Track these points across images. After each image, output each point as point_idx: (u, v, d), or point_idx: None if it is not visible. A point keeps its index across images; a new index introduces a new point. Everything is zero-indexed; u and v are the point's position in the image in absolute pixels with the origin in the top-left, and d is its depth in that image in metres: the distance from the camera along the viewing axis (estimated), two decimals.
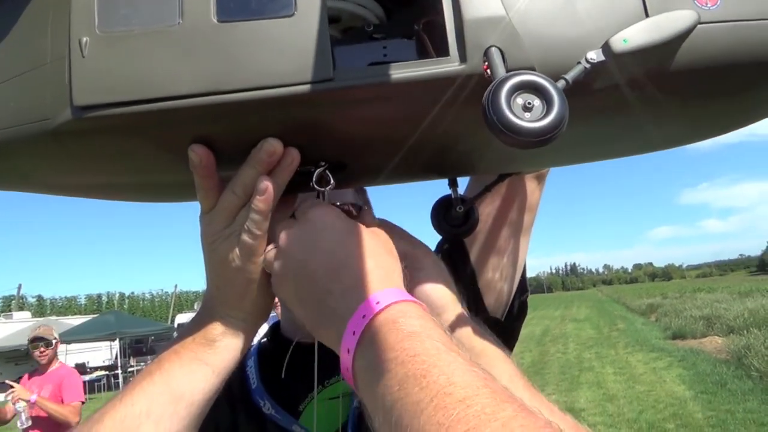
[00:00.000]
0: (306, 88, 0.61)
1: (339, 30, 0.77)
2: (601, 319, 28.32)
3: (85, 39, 0.60)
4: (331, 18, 0.67)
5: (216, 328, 0.73)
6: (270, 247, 0.70)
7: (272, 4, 0.61)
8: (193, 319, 0.76)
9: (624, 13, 0.62)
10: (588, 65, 0.60)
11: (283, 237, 0.68)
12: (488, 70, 0.60)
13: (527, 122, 0.55)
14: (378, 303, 0.58)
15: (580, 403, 9.30)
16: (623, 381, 10.96)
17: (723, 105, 0.72)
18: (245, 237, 0.68)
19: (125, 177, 0.74)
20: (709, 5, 0.63)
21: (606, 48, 0.60)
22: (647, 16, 0.62)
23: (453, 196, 0.90)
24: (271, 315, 0.90)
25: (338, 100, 0.63)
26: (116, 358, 22.15)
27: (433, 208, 0.92)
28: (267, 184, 0.67)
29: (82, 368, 19.96)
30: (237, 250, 0.69)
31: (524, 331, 0.53)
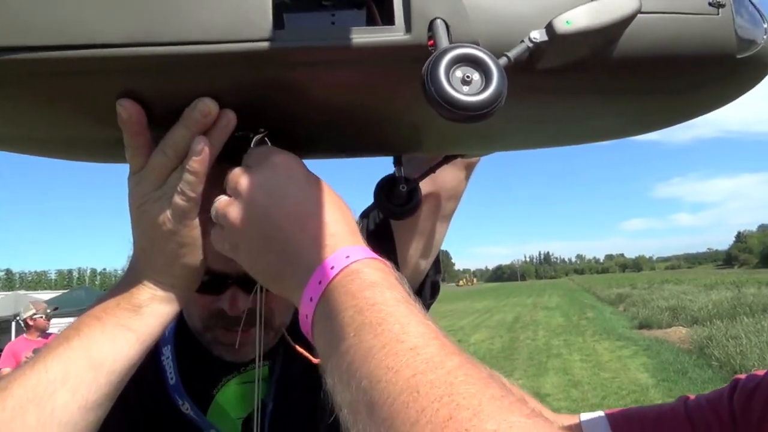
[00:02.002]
0: (243, 46, 0.58)
1: None
2: (571, 308, 28.78)
3: None
4: None
5: (143, 294, 0.69)
6: (221, 197, 0.66)
7: None
8: (117, 285, 0.72)
9: None
10: (531, 44, 0.59)
11: (242, 183, 0.63)
12: (432, 45, 0.59)
13: (464, 95, 0.54)
14: (348, 257, 0.57)
15: (546, 388, 9.50)
16: (589, 368, 11.20)
17: (662, 97, 0.73)
18: (178, 199, 0.65)
19: (47, 130, 0.70)
20: None
21: (549, 28, 0.60)
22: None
23: (397, 175, 0.89)
24: None
25: (277, 62, 0.60)
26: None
27: (377, 185, 0.91)
28: (203, 146, 0.64)
29: None
30: (168, 213, 0.66)
31: (496, 317, 0.52)
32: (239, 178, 0.64)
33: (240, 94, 0.64)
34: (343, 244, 0.60)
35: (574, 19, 0.60)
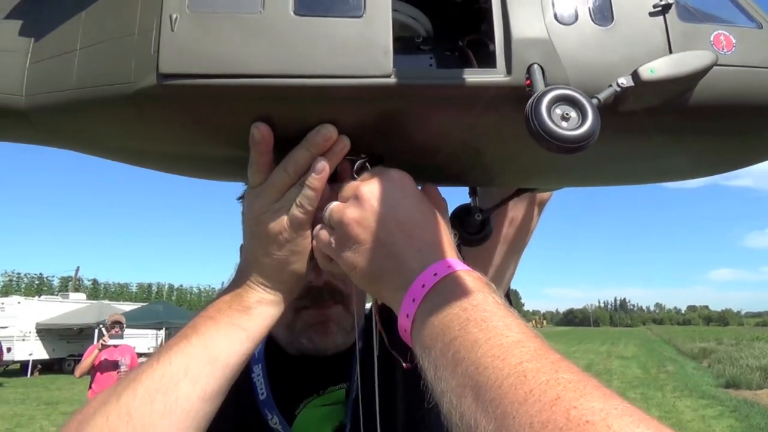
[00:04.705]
0: (365, 81, 0.67)
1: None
2: (649, 359, 27.23)
3: (175, 15, 0.67)
4: None
5: (252, 297, 0.76)
6: (334, 202, 0.73)
7: (344, 5, 0.68)
8: (227, 289, 0.80)
9: (650, 47, 0.71)
10: (618, 88, 0.68)
11: (361, 190, 0.70)
12: (529, 84, 0.67)
13: (565, 130, 0.61)
14: (449, 267, 0.64)
15: None
16: (669, 426, 10.48)
17: (732, 142, 0.81)
18: (296, 211, 0.73)
19: (184, 147, 0.79)
20: (725, 50, 0.72)
21: (635, 75, 0.68)
22: (671, 51, 0.70)
23: (472, 205, 0.96)
24: None
25: (394, 97, 0.69)
26: (161, 346, 22.74)
27: (452, 213, 0.96)
28: (324, 164, 0.72)
29: None
30: (285, 224, 0.73)
31: None
32: (357, 186, 0.71)
33: (355, 122, 0.72)
34: (445, 255, 0.66)
35: (657, 69, 0.68)
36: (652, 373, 20.32)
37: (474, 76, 0.69)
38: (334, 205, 0.72)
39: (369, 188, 0.70)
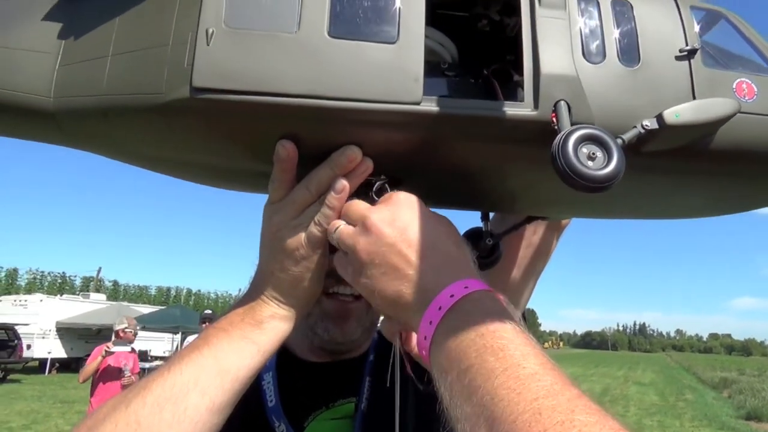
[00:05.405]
0: (395, 107, 0.68)
1: None
2: (667, 387, 26.59)
3: (211, 30, 0.68)
4: None
5: (265, 311, 0.77)
6: (341, 225, 0.73)
7: (379, 30, 0.70)
8: (240, 302, 0.80)
9: (675, 91, 0.72)
10: (643, 130, 0.69)
11: (370, 216, 0.70)
12: (555, 120, 0.68)
13: (591, 170, 0.62)
14: (466, 288, 0.63)
15: None
16: None
17: (749, 186, 0.83)
18: (314, 229, 0.74)
19: (208, 158, 0.81)
20: (746, 98, 0.74)
21: (660, 118, 0.69)
22: (694, 96, 0.72)
23: (484, 229, 0.97)
24: None
25: (421, 123, 0.70)
26: (176, 350, 22.79)
27: (463, 236, 0.96)
28: (345, 184, 0.73)
29: (144, 355, 20.78)
30: (303, 241, 0.74)
31: (582, 387, 0.55)
32: (366, 211, 0.71)
33: (381, 146, 0.73)
34: (462, 276, 0.65)
35: (682, 113, 0.69)
36: (670, 401, 19.83)
37: (501, 108, 0.70)
38: (343, 228, 0.73)
39: (378, 214, 0.70)
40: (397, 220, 0.70)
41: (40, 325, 21.83)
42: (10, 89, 0.75)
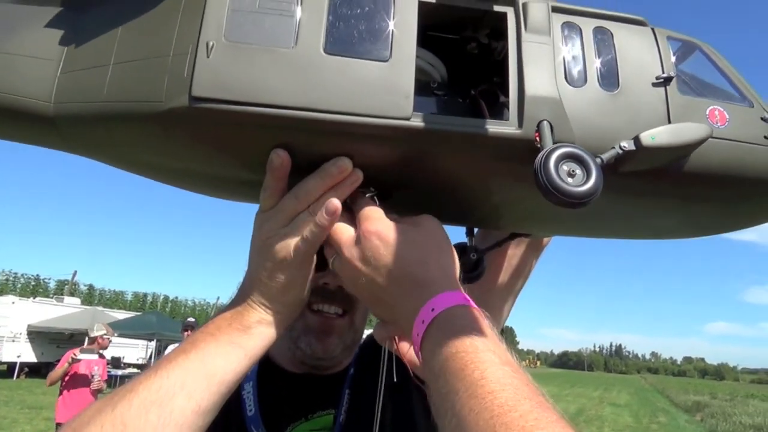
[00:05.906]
0: (386, 122, 0.71)
1: None
2: (641, 409, 26.77)
3: (212, 43, 0.71)
4: None
5: (252, 316, 0.78)
6: (348, 235, 0.76)
7: (372, 48, 0.73)
8: (228, 307, 0.81)
9: (651, 115, 0.76)
10: (621, 151, 0.73)
11: (348, 251, 0.75)
12: (538, 138, 0.71)
13: (570, 186, 0.66)
14: (433, 310, 0.68)
15: None
16: None
17: (719, 208, 0.87)
18: (302, 244, 0.76)
19: (203, 166, 0.83)
20: (719, 124, 0.78)
21: (637, 140, 0.73)
22: (670, 121, 0.76)
23: (468, 245, 0.99)
24: None
25: (411, 138, 0.73)
26: (150, 357, 22.45)
27: None
28: (337, 205, 0.75)
29: (117, 362, 20.38)
30: (292, 249, 0.76)
31: (558, 407, 0.57)
32: (341, 244, 0.75)
33: (371, 159, 0.76)
34: (426, 297, 0.69)
35: (658, 136, 0.73)
36: (644, 423, 19.96)
37: (487, 126, 0.73)
38: (338, 237, 0.76)
39: (349, 250, 0.75)
40: (401, 231, 0.74)
41: (10, 327, 21.31)
42: (11, 93, 0.77)
